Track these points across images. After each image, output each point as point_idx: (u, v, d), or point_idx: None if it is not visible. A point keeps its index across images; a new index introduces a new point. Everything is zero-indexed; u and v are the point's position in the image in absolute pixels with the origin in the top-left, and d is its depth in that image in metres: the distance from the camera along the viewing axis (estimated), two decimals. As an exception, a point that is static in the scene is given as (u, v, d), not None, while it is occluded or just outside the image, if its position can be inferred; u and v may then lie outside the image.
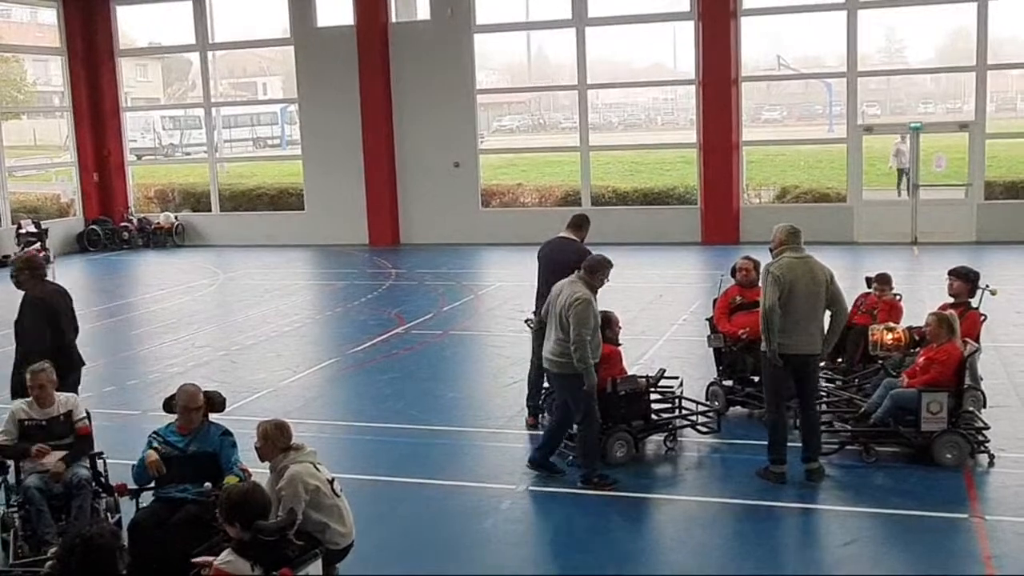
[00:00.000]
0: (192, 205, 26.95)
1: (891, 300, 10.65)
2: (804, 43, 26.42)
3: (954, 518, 7.49)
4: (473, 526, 7.79)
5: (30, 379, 7.47)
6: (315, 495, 6.12)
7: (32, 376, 7.47)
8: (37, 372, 7.47)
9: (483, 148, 25.24)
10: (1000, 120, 26.76)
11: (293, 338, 14.57)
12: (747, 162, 22.97)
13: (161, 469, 6.79)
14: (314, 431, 9.60)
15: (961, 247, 19.74)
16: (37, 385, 7.43)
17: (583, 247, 9.75)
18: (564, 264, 9.63)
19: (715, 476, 8.75)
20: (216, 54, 26.72)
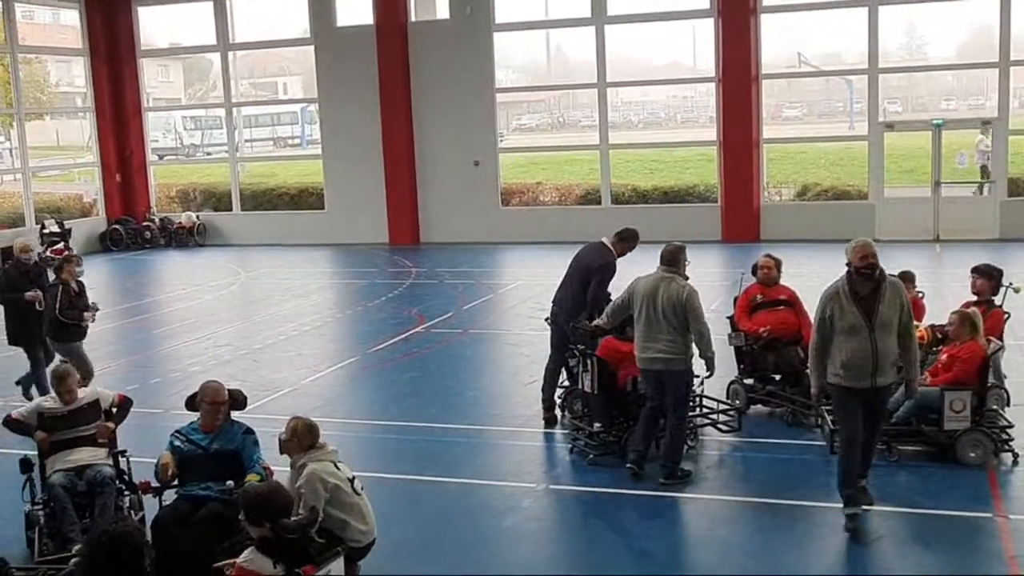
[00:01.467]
0: (213, 205, 27.08)
1: (913, 298, 10.57)
2: (825, 40, 26.32)
3: (978, 517, 7.44)
4: (493, 524, 7.79)
5: (58, 384, 7.57)
6: (335, 493, 6.14)
7: (60, 382, 7.57)
8: (65, 377, 7.59)
9: (503, 147, 25.25)
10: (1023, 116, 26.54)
11: (313, 337, 14.62)
12: (767, 160, 22.89)
13: (171, 474, 6.85)
14: (335, 429, 9.62)
15: (984, 244, 19.59)
16: (66, 391, 7.56)
17: (608, 255, 9.70)
18: (583, 267, 9.62)
19: (736, 474, 8.72)
20: (237, 54, 26.82)
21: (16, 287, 10.93)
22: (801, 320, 10.03)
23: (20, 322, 11.00)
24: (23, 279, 11.00)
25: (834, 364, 7.16)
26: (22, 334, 11.04)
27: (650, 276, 8.30)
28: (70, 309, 10.62)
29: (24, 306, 10.86)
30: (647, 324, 8.15)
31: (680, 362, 8.13)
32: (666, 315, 8.04)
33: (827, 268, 11.49)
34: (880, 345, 7.04)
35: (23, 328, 10.98)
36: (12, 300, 11.02)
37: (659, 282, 8.19)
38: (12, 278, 11.12)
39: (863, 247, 7.17)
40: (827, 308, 7.18)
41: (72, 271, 10.90)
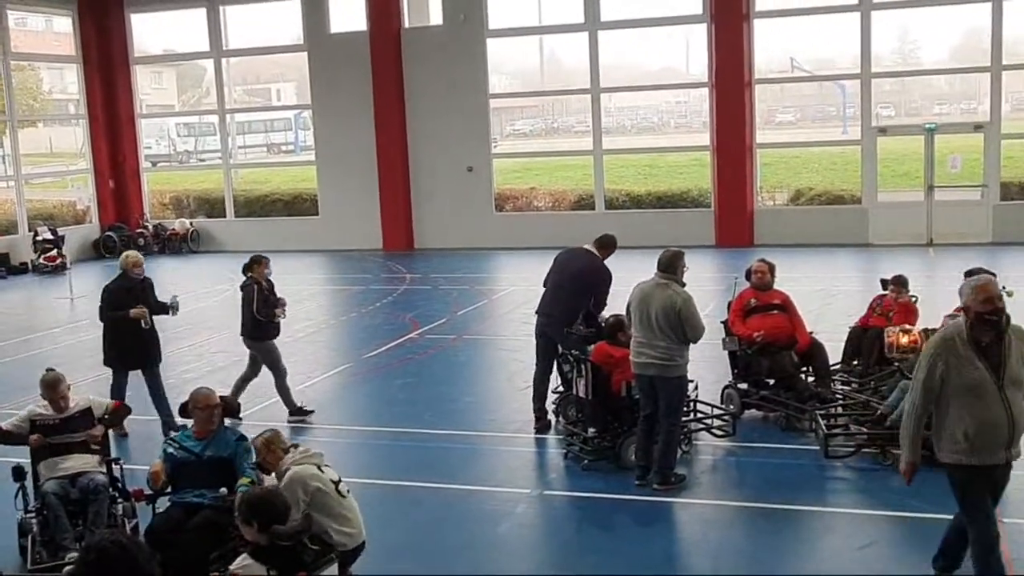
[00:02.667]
0: (207, 211, 27.06)
1: (907, 302, 10.60)
2: (817, 45, 26.34)
3: (972, 521, 7.42)
4: (487, 530, 7.79)
5: (50, 392, 7.54)
6: (316, 496, 6.12)
7: (51, 389, 7.55)
8: (56, 384, 7.56)
9: (496, 152, 25.26)
10: (1016, 120, 26.59)
11: (307, 343, 14.59)
12: (761, 164, 22.92)
13: (162, 482, 6.84)
14: (329, 435, 9.62)
15: (977, 248, 19.63)
16: (59, 397, 7.52)
17: (600, 264, 9.75)
18: (574, 273, 9.69)
19: (730, 479, 8.73)
20: (230, 61, 26.81)
21: (120, 304, 10.03)
22: (795, 324, 10.05)
23: (121, 343, 10.11)
24: (128, 296, 10.08)
25: (952, 437, 5.66)
26: (125, 356, 10.17)
27: (647, 282, 8.32)
28: (265, 307, 10.55)
29: (127, 326, 9.99)
30: (642, 330, 8.15)
31: (674, 368, 8.13)
32: (660, 322, 8.04)
33: (821, 272, 11.55)
34: (1014, 408, 5.60)
35: (125, 350, 10.13)
36: (114, 319, 10.10)
37: (655, 288, 8.20)
38: (116, 295, 10.17)
39: (986, 288, 5.77)
40: (937, 363, 5.67)
41: (262, 271, 10.77)
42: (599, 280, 9.75)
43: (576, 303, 9.75)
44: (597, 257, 9.84)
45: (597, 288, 9.74)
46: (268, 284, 10.81)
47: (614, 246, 10.02)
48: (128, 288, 10.17)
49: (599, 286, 9.74)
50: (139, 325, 10.00)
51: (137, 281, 10.23)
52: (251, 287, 10.62)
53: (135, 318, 9.94)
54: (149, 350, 10.23)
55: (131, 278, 10.20)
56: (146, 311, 10.06)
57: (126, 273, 10.17)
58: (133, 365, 10.22)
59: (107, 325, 10.19)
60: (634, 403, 8.61)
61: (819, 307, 13.92)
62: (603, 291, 9.78)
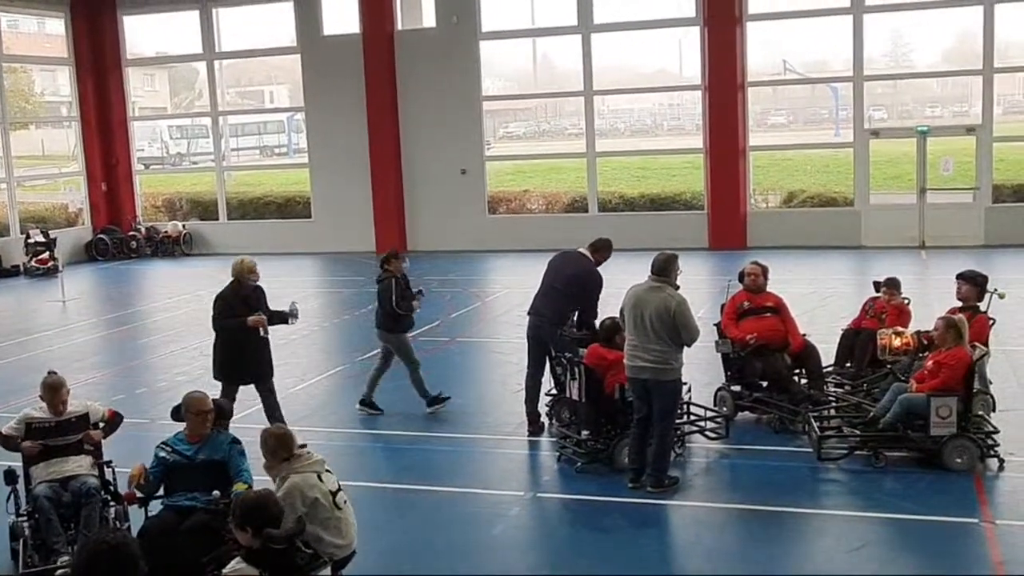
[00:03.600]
0: (200, 214, 27.00)
1: (899, 304, 10.62)
2: (810, 48, 26.40)
3: (964, 523, 7.46)
4: (481, 533, 7.78)
5: (51, 396, 7.49)
6: (312, 507, 6.09)
7: (53, 393, 7.50)
8: (58, 389, 7.51)
9: (490, 155, 25.26)
10: (1008, 123, 26.68)
11: (301, 345, 14.58)
12: (754, 167, 22.95)
13: (143, 483, 6.81)
14: (322, 438, 9.60)
15: (969, 251, 19.68)
16: (59, 401, 7.49)
17: (592, 267, 9.75)
18: (567, 276, 9.69)
19: (723, 481, 8.73)
20: (223, 63, 26.76)
21: (235, 313, 9.38)
22: (788, 327, 10.06)
23: (234, 354, 9.44)
24: (243, 304, 9.42)
25: None
26: (238, 368, 9.46)
27: (641, 285, 8.32)
28: (403, 301, 10.57)
29: (242, 336, 9.37)
30: (636, 333, 8.15)
31: (669, 372, 8.14)
32: (655, 325, 8.04)
33: (814, 275, 11.56)
34: None
35: (238, 362, 9.44)
36: (229, 329, 9.43)
37: (649, 291, 8.20)
38: (229, 302, 9.48)
39: None
40: None
41: (399, 265, 10.78)
42: (590, 284, 9.74)
43: (566, 306, 9.76)
44: (590, 261, 9.85)
45: (588, 292, 9.74)
46: (404, 278, 10.84)
47: (609, 250, 10.02)
48: (243, 296, 9.49)
49: (590, 290, 9.74)
50: (254, 335, 9.35)
51: (251, 288, 9.57)
52: (389, 281, 10.64)
53: (253, 327, 9.30)
54: (263, 362, 9.61)
55: (245, 285, 9.50)
56: (264, 319, 9.45)
57: (240, 280, 9.47)
58: (246, 379, 9.57)
59: (220, 336, 9.50)
60: (627, 405, 8.61)
61: (812, 309, 13.94)
62: (594, 295, 9.76)
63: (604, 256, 9.95)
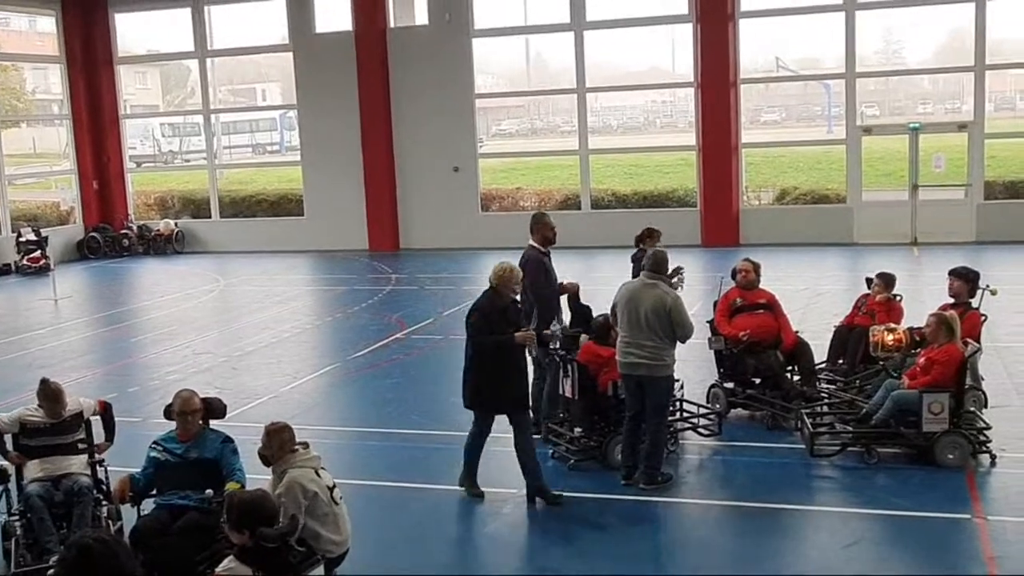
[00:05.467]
0: (192, 212, 26.94)
1: (886, 299, 10.62)
2: (802, 45, 26.41)
3: (956, 519, 7.48)
4: (475, 530, 7.79)
5: (51, 405, 7.45)
6: (312, 502, 6.11)
7: (53, 402, 7.45)
8: (59, 396, 7.47)
9: (482, 152, 25.24)
10: (999, 120, 26.73)
11: (294, 344, 14.56)
12: (746, 164, 22.95)
13: (125, 496, 6.81)
14: (315, 436, 9.51)
15: (961, 247, 19.73)
16: (61, 407, 7.46)
17: (527, 251, 9.45)
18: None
19: (716, 478, 8.74)
20: (215, 61, 26.68)
21: (492, 328, 8.02)
22: (781, 324, 10.08)
23: (497, 377, 8.05)
24: (502, 318, 8.09)
25: None
26: (500, 394, 8.11)
27: (634, 281, 8.31)
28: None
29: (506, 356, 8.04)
30: (630, 329, 8.15)
31: (662, 368, 8.14)
32: (649, 321, 8.04)
33: (806, 272, 11.58)
34: None
35: (498, 386, 8.08)
36: (496, 346, 8.00)
37: (643, 288, 8.20)
38: (492, 317, 8.08)
39: None
40: None
41: (654, 243, 10.76)
42: (524, 263, 9.17)
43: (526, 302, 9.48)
44: (530, 247, 9.51)
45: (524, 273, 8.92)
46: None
47: (539, 223, 9.52)
48: (503, 308, 8.14)
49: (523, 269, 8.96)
50: (519, 355, 8.17)
51: (511, 299, 8.26)
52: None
53: (520, 343, 8.11)
54: (525, 386, 8.44)
55: (504, 296, 8.14)
56: (534, 335, 8.37)
57: (498, 289, 8.12)
58: (505, 407, 8.24)
59: (479, 356, 8.10)
60: (621, 403, 8.61)
61: (804, 306, 13.95)
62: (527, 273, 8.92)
63: (540, 234, 9.47)
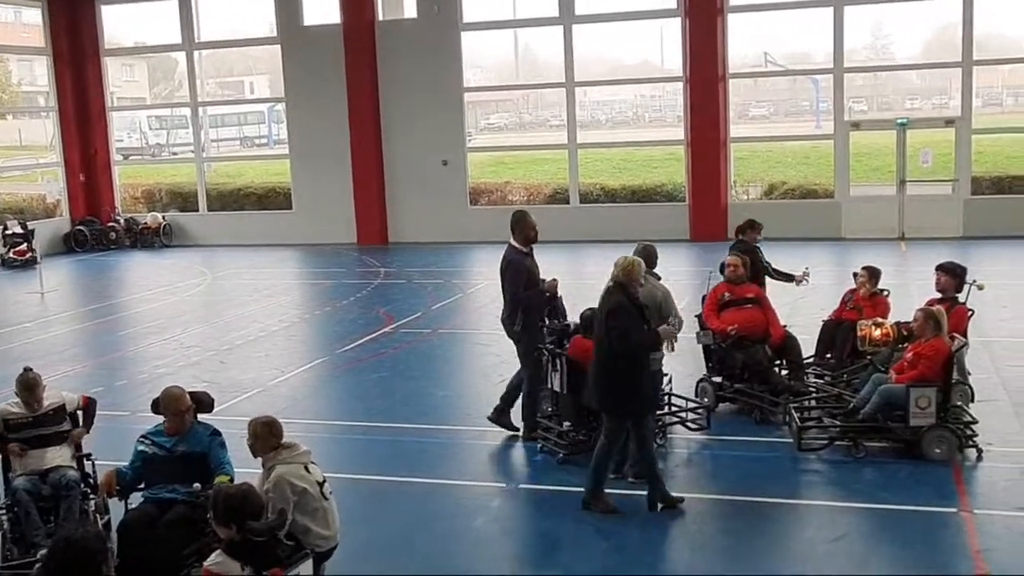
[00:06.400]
0: (179, 205, 26.87)
1: (871, 295, 10.65)
2: (791, 40, 26.47)
3: (943, 512, 7.51)
4: (463, 525, 7.78)
5: (27, 395, 7.41)
6: (301, 497, 6.09)
7: (29, 392, 7.41)
8: (34, 388, 7.42)
9: (471, 146, 25.22)
10: (986, 115, 26.82)
11: (282, 338, 14.53)
12: (735, 159, 23.00)
13: (112, 490, 6.79)
14: (303, 430, 9.56)
15: (948, 242, 19.80)
16: (35, 400, 7.42)
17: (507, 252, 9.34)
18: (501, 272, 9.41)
19: (705, 472, 8.76)
20: (202, 53, 26.60)
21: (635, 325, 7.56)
22: (769, 318, 10.10)
23: (637, 378, 7.57)
24: (640, 315, 7.68)
25: None
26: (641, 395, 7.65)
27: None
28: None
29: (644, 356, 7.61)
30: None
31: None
32: None
33: (793, 266, 11.62)
34: None
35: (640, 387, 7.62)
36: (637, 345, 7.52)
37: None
38: (631, 315, 7.58)
39: None
40: None
41: (754, 236, 11.18)
42: (505, 268, 9.28)
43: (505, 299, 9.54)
44: (510, 247, 9.43)
45: (504, 280, 9.25)
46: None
47: (520, 223, 9.40)
48: (638, 304, 7.78)
49: (505, 274, 9.28)
50: (656, 354, 7.85)
51: (635, 295, 7.79)
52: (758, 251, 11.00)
53: (665, 339, 7.85)
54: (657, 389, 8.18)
55: (632, 290, 7.71)
56: (675, 330, 8.19)
57: (625, 285, 7.65)
58: (643, 410, 7.82)
59: (626, 355, 7.54)
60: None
61: (792, 301, 13.97)
62: (508, 279, 9.16)
63: (521, 234, 9.37)
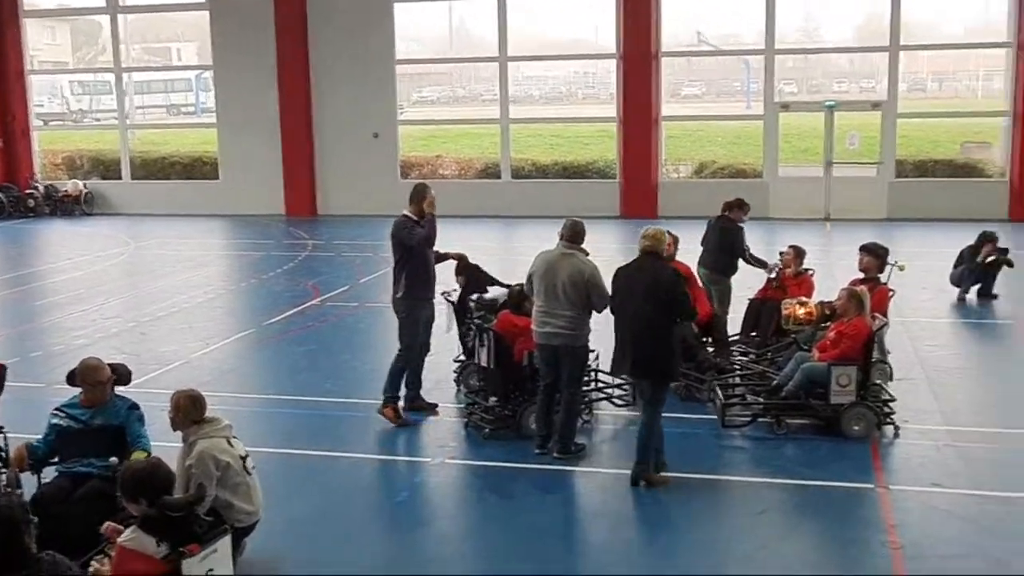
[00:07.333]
0: (101, 172, 26.22)
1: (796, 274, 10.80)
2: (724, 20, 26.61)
3: (860, 488, 7.65)
4: (388, 500, 7.74)
5: None
6: (224, 472, 6.00)
7: None
8: None
9: (403, 119, 24.99)
10: (912, 100, 27.31)
11: (206, 309, 14.28)
12: (666, 137, 23.13)
13: (24, 464, 6.62)
14: (227, 404, 9.41)
15: (872, 223, 20.17)
16: None
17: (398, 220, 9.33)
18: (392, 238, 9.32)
19: (630, 448, 8.73)
20: (128, 18, 25.93)
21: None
22: (695, 296, 10.15)
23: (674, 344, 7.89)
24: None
25: None
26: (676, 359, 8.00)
27: (551, 251, 8.27)
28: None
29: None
30: (547, 299, 8.11)
31: (579, 338, 8.14)
32: (567, 291, 8.01)
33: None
34: None
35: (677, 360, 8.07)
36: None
37: (560, 257, 8.16)
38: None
39: None
40: None
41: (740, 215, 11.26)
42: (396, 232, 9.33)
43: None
44: (404, 217, 9.38)
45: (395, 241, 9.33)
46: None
47: (420, 194, 9.42)
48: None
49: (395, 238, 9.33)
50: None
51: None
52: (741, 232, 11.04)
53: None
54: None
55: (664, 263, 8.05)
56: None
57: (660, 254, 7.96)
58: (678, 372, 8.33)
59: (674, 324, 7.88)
60: (536, 373, 8.60)
61: (720, 279, 14.11)
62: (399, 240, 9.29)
63: (417, 206, 9.35)
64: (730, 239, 10.85)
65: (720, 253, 10.90)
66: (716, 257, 10.87)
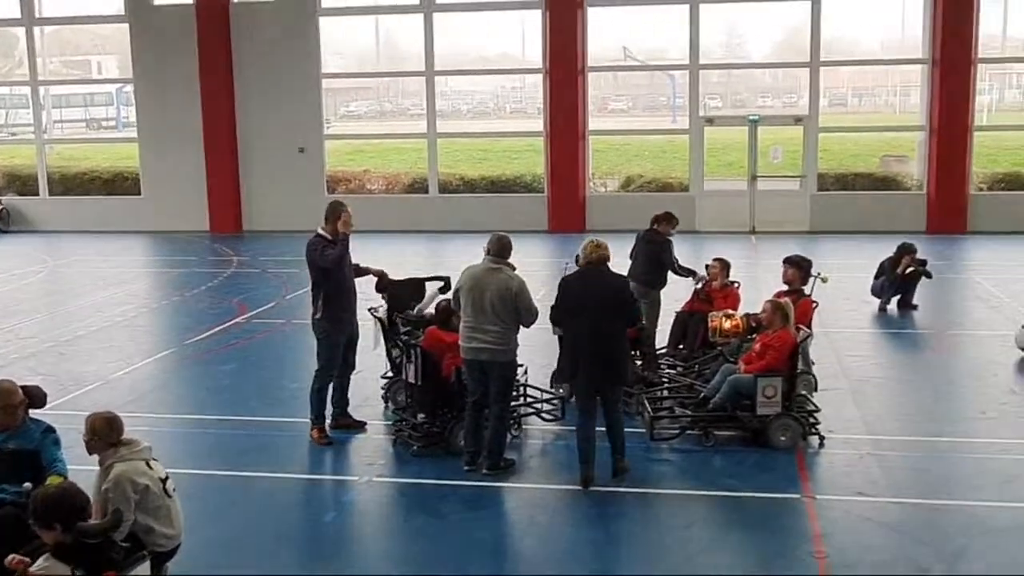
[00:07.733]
0: (17, 188, 25.54)
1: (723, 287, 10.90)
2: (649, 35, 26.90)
3: (787, 498, 7.73)
4: (314, 520, 7.60)
5: None
6: (143, 495, 5.84)
7: None
8: None
9: (329, 133, 24.78)
10: (832, 115, 27.89)
11: (127, 328, 13.96)
12: (593, 151, 23.27)
13: None
14: (149, 424, 9.19)
15: (796, 236, 20.50)
16: None
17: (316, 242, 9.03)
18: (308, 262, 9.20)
19: (559, 463, 8.77)
20: (45, 29, 25.33)
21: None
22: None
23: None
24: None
25: None
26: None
27: (477, 266, 8.23)
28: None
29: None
30: (474, 314, 8.07)
31: (506, 353, 8.11)
32: (494, 306, 7.98)
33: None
34: None
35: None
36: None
37: (487, 272, 8.13)
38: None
39: None
40: None
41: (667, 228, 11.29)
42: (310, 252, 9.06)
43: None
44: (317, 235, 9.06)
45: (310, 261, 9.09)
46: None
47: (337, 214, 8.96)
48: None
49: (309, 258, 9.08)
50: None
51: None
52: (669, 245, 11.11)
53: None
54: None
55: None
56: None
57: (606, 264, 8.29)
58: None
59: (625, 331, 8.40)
60: (464, 388, 8.54)
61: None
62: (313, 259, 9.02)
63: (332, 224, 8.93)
64: (658, 252, 10.93)
65: (649, 266, 10.96)
66: (645, 270, 10.93)
